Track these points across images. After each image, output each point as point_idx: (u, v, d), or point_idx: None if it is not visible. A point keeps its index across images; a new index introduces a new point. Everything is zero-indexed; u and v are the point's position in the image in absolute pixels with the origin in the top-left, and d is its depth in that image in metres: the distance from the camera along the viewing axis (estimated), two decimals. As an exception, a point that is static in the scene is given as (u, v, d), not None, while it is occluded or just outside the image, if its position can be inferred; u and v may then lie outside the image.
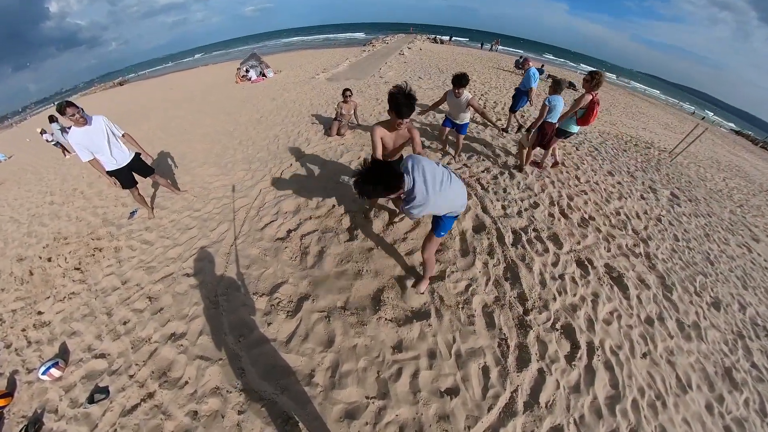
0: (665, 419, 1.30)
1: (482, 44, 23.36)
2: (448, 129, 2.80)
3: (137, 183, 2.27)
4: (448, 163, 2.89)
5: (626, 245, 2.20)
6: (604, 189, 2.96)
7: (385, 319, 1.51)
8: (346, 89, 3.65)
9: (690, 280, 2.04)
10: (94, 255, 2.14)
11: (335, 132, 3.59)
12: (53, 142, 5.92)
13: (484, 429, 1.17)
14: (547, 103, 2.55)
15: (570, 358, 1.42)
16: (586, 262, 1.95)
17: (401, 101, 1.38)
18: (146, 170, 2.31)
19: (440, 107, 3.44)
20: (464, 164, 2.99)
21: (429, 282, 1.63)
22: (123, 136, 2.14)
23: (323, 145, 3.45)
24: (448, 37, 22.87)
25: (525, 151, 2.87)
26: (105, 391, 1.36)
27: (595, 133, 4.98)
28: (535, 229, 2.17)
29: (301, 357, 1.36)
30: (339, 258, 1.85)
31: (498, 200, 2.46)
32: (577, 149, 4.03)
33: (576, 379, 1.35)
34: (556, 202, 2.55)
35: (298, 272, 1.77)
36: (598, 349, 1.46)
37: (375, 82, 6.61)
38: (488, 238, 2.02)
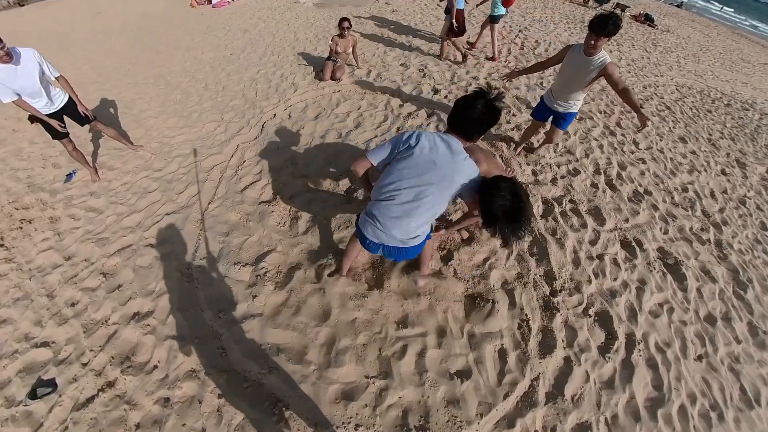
0: (720, 434, 1.25)
1: None
2: (538, 122, 2.18)
3: (69, 134, 2.08)
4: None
5: (691, 228, 2.09)
6: (671, 159, 2.76)
7: (389, 290, 1.50)
8: (344, 19, 3.14)
9: (776, 279, 1.89)
10: (21, 228, 1.97)
11: (329, 75, 3.22)
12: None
13: (499, 418, 1.20)
14: None
15: (604, 349, 1.42)
16: (634, 244, 1.88)
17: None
18: (83, 117, 2.10)
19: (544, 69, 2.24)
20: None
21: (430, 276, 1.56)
22: (58, 79, 1.91)
23: (314, 91, 3.13)
24: None
25: (444, 43, 3.59)
26: (51, 383, 1.31)
27: (671, 86, 4.47)
28: (572, 200, 2.06)
29: (292, 332, 1.38)
30: (335, 223, 1.79)
31: (528, 164, 2.31)
32: (641, 107, 3.68)
33: (610, 374, 1.35)
34: (602, 171, 2.40)
35: (288, 239, 1.73)
36: (639, 343, 1.45)
37: (379, 10, 5.80)
38: (515, 208, 1.92)
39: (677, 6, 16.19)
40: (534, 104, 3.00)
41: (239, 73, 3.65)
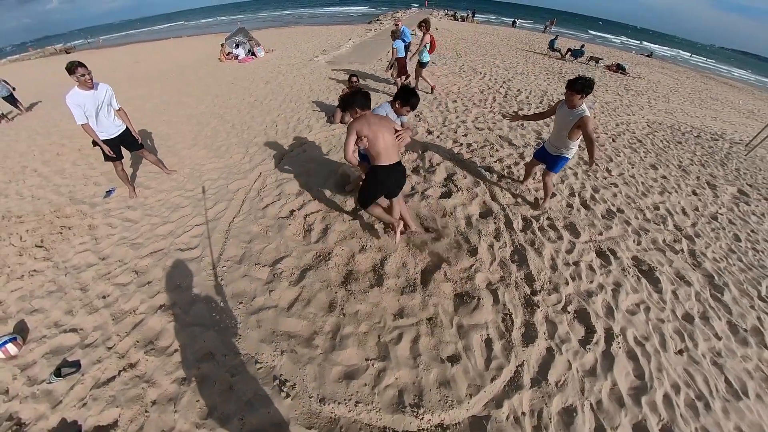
0: (710, 422, 1.45)
1: (513, 22, 25.16)
2: (536, 161, 2.63)
3: (122, 158, 2.74)
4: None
5: (663, 240, 2.54)
6: (642, 183, 3.37)
7: (388, 288, 1.90)
8: (353, 75, 4.29)
9: (753, 284, 2.23)
10: (61, 233, 2.48)
11: (339, 119, 4.17)
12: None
13: (488, 399, 1.46)
14: (393, 46, 5.04)
15: (585, 341, 1.71)
16: (608, 253, 2.31)
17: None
18: (135, 144, 2.80)
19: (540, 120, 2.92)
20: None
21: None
22: (119, 110, 2.65)
23: (326, 132, 4.02)
24: (469, 13, 24.56)
25: (398, 81, 5.33)
26: (75, 364, 1.51)
27: (642, 123, 5.45)
28: (549, 218, 2.58)
29: (303, 321, 1.74)
30: (343, 234, 2.28)
31: (509, 189, 2.90)
32: (613, 140, 4.53)
33: (591, 363, 1.62)
34: (577, 193, 2.97)
35: (302, 247, 2.20)
36: (618, 337, 1.74)
37: (381, 67, 7.40)
38: (495, 223, 2.44)
39: (647, 56, 19.64)
40: (515, 141, 3.87)
41: (262, 116, 4.67)
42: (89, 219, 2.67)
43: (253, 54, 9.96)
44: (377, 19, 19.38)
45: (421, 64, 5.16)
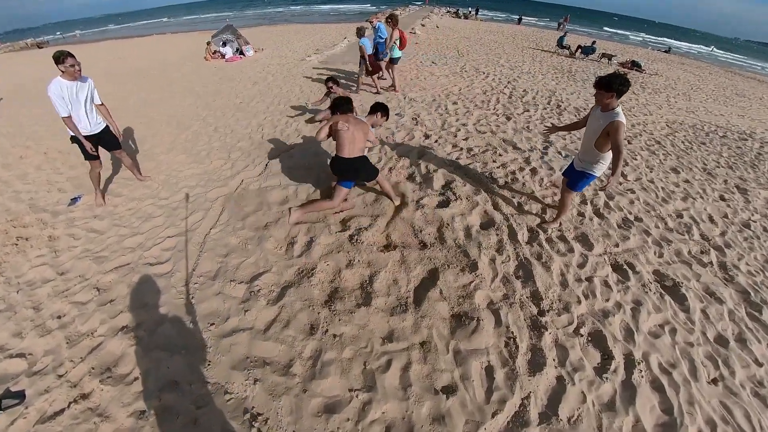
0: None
1: (519, 19, 26.23)
2: (563, 178, 2.50)
3: (98, 158, 2.77)
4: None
5: (689, 252, 2.53)
6: (662, 188, 3.39)
7: (376, 308, 1.87)
8: (329, 79, 4.28)
9: (798, 300, 2.11)
10: (17, 245, 2.47)
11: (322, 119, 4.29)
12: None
13: None
14: (360, 44, 5.37)
15: (601, 369, 1.65)
16: (626, 267, 2.29)
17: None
18: (114, 143, 2.85)
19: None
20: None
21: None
22: (99, 106, 2.71)
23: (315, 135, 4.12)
24: (472, 10, 25.57)
25: (361, 78, 5.83)
26: (19, 395, 1.45)
27: (661, 123, 5.53)
28: (557, 229, 2.59)
29: (280, 345, 1.71)
30: (329, 248, 2.28)
31: (514, 197, 2.93)
32: (629, 143, 4.61)
33: (610, 395, 1.56)
34: (589, 201, 2.99)
35: (283, 261, 2.19)
36: (640, 363, 1.69)
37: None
38: (497, 235, 2.44)
39: (665, 52, 20.24)
40: (520, 145, 3.95)
41: (247, 119, 4.77)
42: (50, 229, 2.66)
43: (242, 53, 10.28)
44: (375, 17, 20.23)
45: (392, 61, 5.49)
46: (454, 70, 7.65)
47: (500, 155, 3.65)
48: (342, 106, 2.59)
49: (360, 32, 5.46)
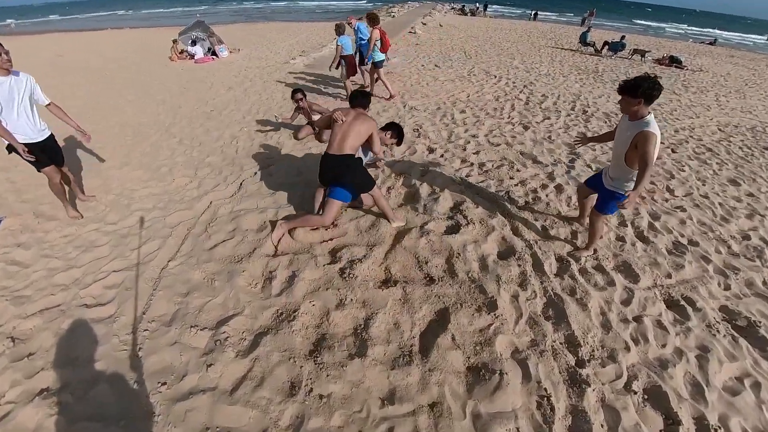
0: None
1: (534, 14, 28.43)
2: (589, 190, 2.67)
3: (61, 163, 2.82)
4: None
5: (763, 282, 2.56)
6: (720, 204, 3.52)
7: (373, 359, 1.86)
8: (296, 91, 4.37)
9: None
10: None
11: (304, 134, 4.52)
12: None
13: None
14: (338, 43, 5.69)
15: None
16: (683, 302, 2.33)
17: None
18: (57, 157, 2.90)
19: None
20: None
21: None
22: (49, 107, 2.79)
23: (300, 150, 4.30)
24: (480, 6, 27.58)
25: (347, 83, 6.11)
26: None
27: (711, 127, 5.78)
28: (593, 257, 2.67)
29: (251, 410, 1.66)
30: (315, 284, 2.30)
31: (537, 219, 3.04)
32: (672, 151, 4.83)
33: None
34: (629, 222, 3.10)
35: (258, 301, 2.20)
36: (718, 430, 1.65)
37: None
38: (519, 266, 2.50)
39: (709, 44, 21.50)
40: (541, 159, 4.16)
41: (219, 130, 5.00)
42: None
43: (214, 54, 10.99)
44: (354, 16, 21.96)
45: (375, 65, 5.92)
46: (460, 73, 8.23)
47: (518, 171, 3.84)
48: (356, 99, 2.83)
49: (339, 29, 5.82)
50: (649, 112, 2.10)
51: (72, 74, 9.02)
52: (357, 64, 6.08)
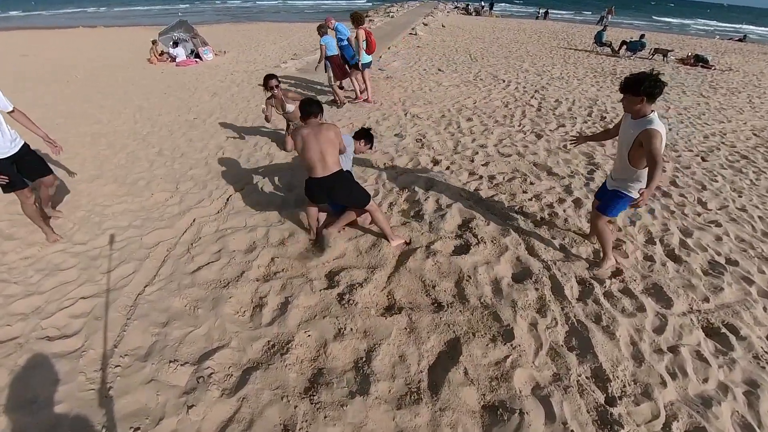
0: None
1: (545, 13, 29.53)
2: (597, 201, 2.74)
3: (28, 184, 2.77)
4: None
5: None
6: (760, 217, 3.57)
7: (376, 397, 1.84)
8: (270, 76, 4.32)
9: None
10: None
11: (290, 147, 4.54)
12: None
13: None
14: (322, 43, 6.18)
15: None
16: (725, 330, 2.33)
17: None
18: (39, 169, 2.89)
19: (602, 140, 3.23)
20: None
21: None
22: (12, 114, 2.78)
23: (293, 162, 4.39)
24: (485, 5, 28.62)
25: (334, 87, 6.57)
26: None
27: (745, 132, 5.86)
28: (618, 278, 2.68)
29: (240, 460, 1.65)
30: (311, 312, 2.31)
31: (555, 237, 3.08)
32: (703, 159, 4.91)
33: None
34: (657, 239, 3.14)
35: (247, 332, 2.20)
36: None
37: (372, 76, 8.19)
38: (537, 290, 2.52)
39: (739, 40, 21.94)
40: (556, 170, 4.26)
41: (203, 140, 5.10)
42: None
43: (198, 56, 11.31)
44: (367, 15, 22.89)
45: (359, 67, 6.20)
46: (466, 78, 8.50)
47: (532, 184, 3.92)
48: (306, 109, 2.76)
49: (321, 30, 6.16)
50: (652, 110, 2.23)
51: (38, 77, 9.18)
52: (344, 66, 6.41)
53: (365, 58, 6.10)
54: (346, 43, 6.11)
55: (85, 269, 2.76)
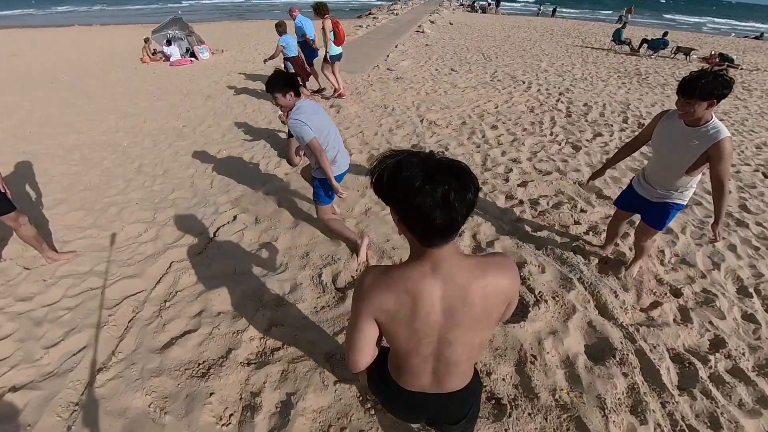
0: None
1: (552, 11, 28.98)
2: (624, 213, 2.51)
3: (13, 208, 2.34)
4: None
5: None
6: None
7: None
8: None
9: None
10: None
11: (297, 159, 3.79)
12: None
13: None
14: (280, 43, 5.86)
15: None
16: None
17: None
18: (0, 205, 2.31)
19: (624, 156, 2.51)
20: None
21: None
22: None
23: (297, 182, 3.67)
24: (492, 2, 28.14)
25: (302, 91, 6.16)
26: None
27: None
28: (724, 353, 2.06)
29: None
30: (324, 419, 1.67)
31: (628, 289, 2.45)
32: (765, 176, 4.19)
33: None
34: (752, 289, 2.54)
35: (230, 456, 1.56)
36: None
37: (380, 77, 7.75)
38: (625, 375, 1.89)
39: (755, 38, 21.24)
40: (606, 191, 3.60)
41: (191, 153, 4.44)
42: None
43: (193, 55, 10.68)
44: (369, 13, 22.22)
45: (331, 59, 5.88)
46: (482, 79, 7.83)
47: (583, 211, 3.26)
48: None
49: (280, 28, 5.84)
50: (712, 115, 1.93)
51: (23, 79, 8.60)
52: (305, 64, 6.24)
53: (334, 49, 5.77)
54: (303, 39, 5.87)
55: (24, 340, 2.10)
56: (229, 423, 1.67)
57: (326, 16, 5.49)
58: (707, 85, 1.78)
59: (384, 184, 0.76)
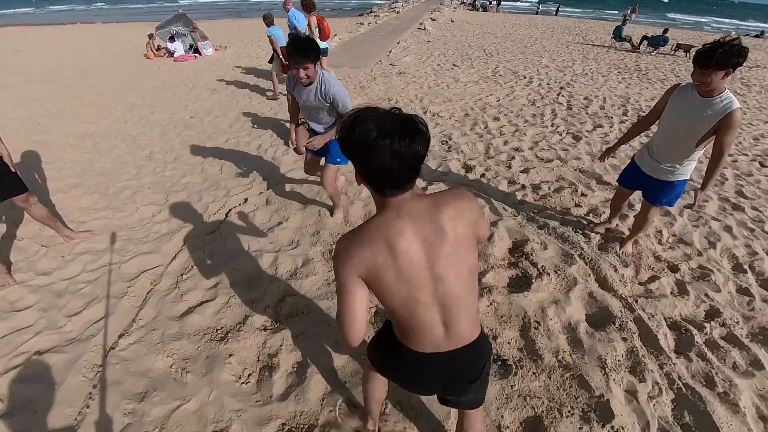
0: None
1: (556, 10, 29.32)
2: (626, 190, 2.59)
3: (24, 189, 2.39)
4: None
5: None
6: None
7: None
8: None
9: None
10: None
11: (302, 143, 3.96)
12: None
13: None
14: (269, 34, 5.84)
15: None
16: None
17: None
18: (12, 186, 2.36)
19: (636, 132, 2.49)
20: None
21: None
22: None
23: (303, 170, 3.76)
24: (492, 1, 28.46)
25: (276, 78, 6.23)
26: None
27: None
28: (719, 321, 2.14)
29: None
30: (339, 378, 1.74)
31: (627, 264, 2.54)
32: (762, 165, 4.26)
33: None
34: (747, 266, 2.61)
35: (254, 408, 1.64)
36: None
37: (383, 72, 7.88)
38: (624, 339, 1.97)
39: (756, 36, 21.37)
40: (606, 178, 3.68)
41: (200, 141, 4.54)
42: None
43: (197, 51, 10.77)
44: (371, 11, 22.33)
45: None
46: (484, 74, 7.93)
47: (584, 195, 3.35)
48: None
49: (268, 19, 6.00)
50: (725, 86, 1.96)
51: (29, 73, 8.69)
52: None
53: (321, 45, 5.75)
54: (293, 32, 5.89)
55: (46, 310, 2.18)
56: (248, 381, 1.76)
57: (312, 12, 5.59)
58: (723, 54, 1.81)
59: (343, 139, 0.82)
